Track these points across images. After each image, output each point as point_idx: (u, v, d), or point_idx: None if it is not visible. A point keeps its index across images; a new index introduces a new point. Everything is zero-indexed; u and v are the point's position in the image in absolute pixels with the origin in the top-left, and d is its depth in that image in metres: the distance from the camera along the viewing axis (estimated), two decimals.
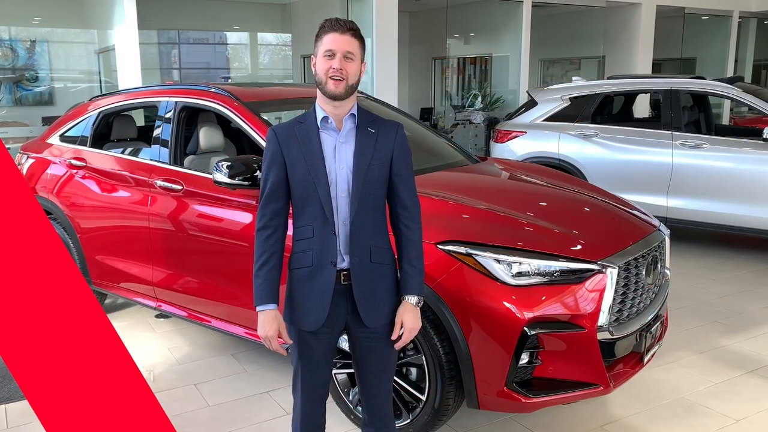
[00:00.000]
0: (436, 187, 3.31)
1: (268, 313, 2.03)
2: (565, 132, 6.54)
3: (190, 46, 11.90)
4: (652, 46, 10.72)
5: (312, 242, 2.01)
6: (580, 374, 2.68)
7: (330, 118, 2.01)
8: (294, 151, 2.00)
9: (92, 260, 4.17)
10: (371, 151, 2.02)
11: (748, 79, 12.85)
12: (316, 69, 1.99)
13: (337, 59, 1.94)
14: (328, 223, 1.99)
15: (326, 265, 2.00)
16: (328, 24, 1.97)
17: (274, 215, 2.03)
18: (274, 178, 2.01)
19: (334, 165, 2.00)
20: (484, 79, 11.61)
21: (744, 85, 6.05)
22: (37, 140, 4.89)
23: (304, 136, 2.01)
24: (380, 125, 2.08)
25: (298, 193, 2.01)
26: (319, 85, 1.98)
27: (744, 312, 4.57)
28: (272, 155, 2.02)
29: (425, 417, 2.78)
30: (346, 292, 2.04)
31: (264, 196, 2.03)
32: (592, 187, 3.89)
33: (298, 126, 2.03)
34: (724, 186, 5.62)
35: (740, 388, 3.46)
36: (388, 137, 2.06)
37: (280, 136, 2.02)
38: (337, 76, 1.94)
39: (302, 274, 2.03)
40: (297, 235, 2.04)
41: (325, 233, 2.00)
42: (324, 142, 2.01)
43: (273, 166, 2.02)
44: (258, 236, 2.04)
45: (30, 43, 9.47)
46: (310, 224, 2.01)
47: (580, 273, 2.69)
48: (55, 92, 9.72)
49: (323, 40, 1.96)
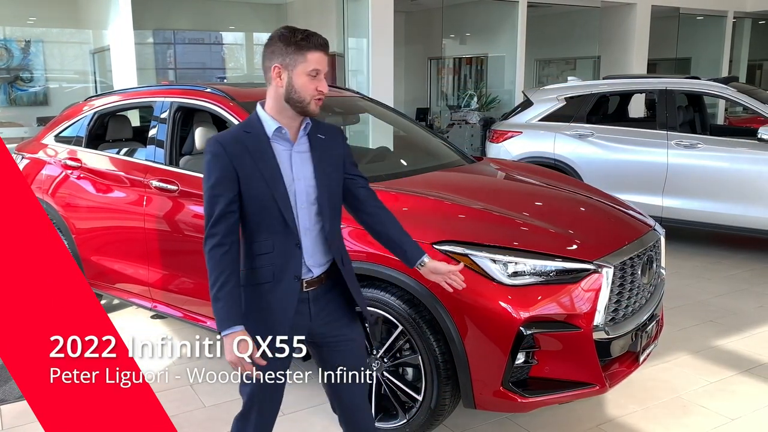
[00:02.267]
0: (432, 187, 3.31)
1: (238, 333, 1.88)
2: (560, 132, 6.55)
3: (185, 46, 11.87)
4: (647, 46, 10.74)
5: (273, 257, 1.95)
6: (576, 374, 2.68)
7: (284, 128, 1.95)
8: (246, 164, 1.89)
9: (87, 261, 4.16)
10: (328, 159, 2.01)
11: (743, 79, 12.89)
12: (293, 85, 1.89)
13: (323, 81, 1.90)
14: (292, 235, 1.94)
15: (289, 278, 1.96)
16: (314, 42, 1.89)
17: (229, 232, 1.90)
18: (227, 193, 1.89)
19: (291, 175, 1.95)
20: (480, 79, 11.62)
21: (739, 85, 6.07)
22: (32, 140, 4.87)
23: (255, 147, 1.91)
24: (326, 131, 2.05)
25: (253, 207, 1.92)
26: (299, 103, 1.91)
27: (739, 311, 4.58)
28: (222, 170, 1.89)
29: (422, 417, 2.78)
30: (307, 300, 2.02)
31: (216, 215, 1.89)
32: (588, 187, 3.90)
33: (246, 136, 1.93)
34: (719, 186, 5.64)
35: (736, 388, 3.47)
36: (337, 142, 2.06)
37: (229, 148, 1.90)
38: (320, 97, 1.91)
39: (261, 289, 1.96)
40: (253, 250, 1.95)
41: (288, 246, 1.95)
42: (277, 153, 1.94)
43: (224, 181, 1.89)
44: (212, 255, 1.89)
45: (25, 43, 9.43)
46: (270, 239, 1.94)
47: (576, 273, 2.69)
48: (50, 92, 9.68)
49: (307, 57, 1.88)
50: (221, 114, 3.58)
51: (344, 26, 8.21)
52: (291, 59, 1.88)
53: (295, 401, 3.29)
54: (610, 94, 7.00)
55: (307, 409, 3.24)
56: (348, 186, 2.10)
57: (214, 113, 3.70)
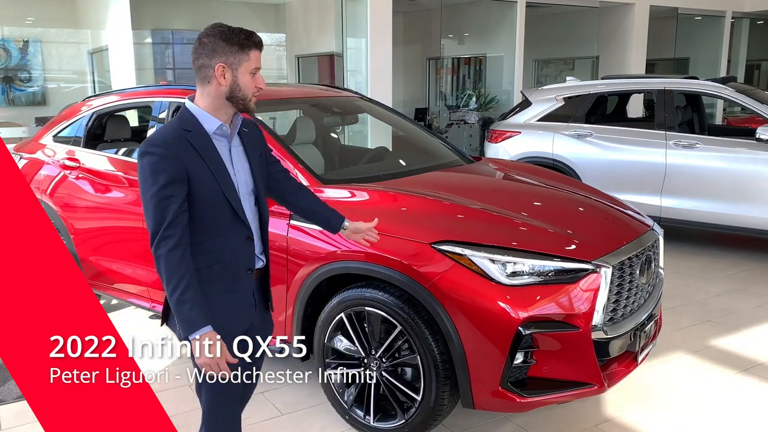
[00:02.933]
0: (430, 187, 3.31)
1: (210, 334, 1.82)
2: (559, 132, 6.55)
3: (184, 46, 11.85)
4: (646, 46, 10.75)
5: (221, 254, 1.94)
6: (574, 374, 2.68)
7: (225, 125, 1.97)
8: (195, 163, 1.88)
9: (86, 261, 4.15)
10: (256, 150, 2.09)
11: (741, 79, 12.91)
12: (238, 83, 1.92)
13: (261, 78, 1.96)
14: (243, 229, 1.97)
15: (241, 273, 1.98)
16: (254, 40, 1.92)
17: (183, 234, 1.85)
18: (180, 194, 1.85)
19: (233, 170, 1.98)
20: (479, 80, 11.63)
21: (737, 85, 6.08)
22: (30, 140, 4.87)
23: (200, 146, 1.91)
24: (247, 124, 2.10)
25: (204, 205, 1.90)
26: (242, 100, 1.94)
27: (737, 311, 4.59)
28: (174, 171, 1.84)
29: (420, 417, 2.78)
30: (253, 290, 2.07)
31: (170, 218, 1.82)
32: (586, 186, 3.90)
33: (188, 134, 1.91)
34: (717, 185, 5.64)
35: (734, 387, 3.48)
36: (258, 134, 2.15)
37: (177, 148, 1.86)
38: (258, 94, 1.97)
39: (213, 287, 1.93)
40: (202, 249, 1.92)
41: (239, 240, 1.97)
42: (218, 149, 1.96)
43: (176, 182, 1.84)
44: (170, 259, 1.82)
45: (23, 43, 9.42)
46: (221, 235, 1.94)
47: (575, 273, 2.69)
48: (48, 92, 9.68)
49: (251, 57, 1.91)
50: None
51: (343, 26, 8.21)
52: (235, 58, 1.90)
53: (294, 401, 3.29)
54: (608, 94, 7.01)
55: (305, 410, 3.24)
56: (269, 171, 2.21)
57: None
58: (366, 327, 2.90)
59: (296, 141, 3.90)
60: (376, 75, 7.88)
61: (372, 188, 3.22)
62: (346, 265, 2.89)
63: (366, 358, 2.91)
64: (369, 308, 2.84)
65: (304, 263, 3.03)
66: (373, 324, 2.87)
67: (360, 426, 2.97)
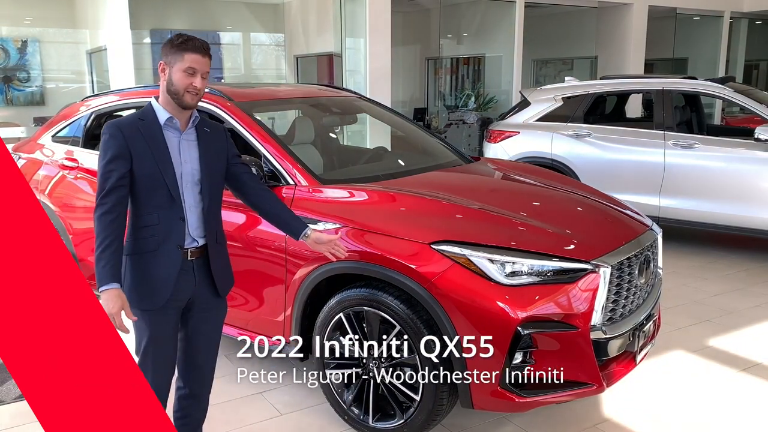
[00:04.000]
0: (429, 187, 3.31)
1: (111, 291, 2.12)
2: (557, 132, 6.56)
3: None
4: (644, 47, 10.75)
5: (157, 228, 2.24)
6: (573, 374, 2.68)
7: (175, 118, 2.27)
8: (139, 146, 2.20)
9: (84, 261, 4.15)
10: (212, 149, 2.35)
11: (740, 79, 12.92)
12: (171, 79, 2.22)
13: (199, 79, 2.22)
14: (177, 210, 2.25)
15: (172, 248, 2.25)
16: (191, 45, 2.20)
17: (117, 203, 2.17)
18: (120, 169, 2.17)
19: (179, 159, 2.27)
20: (477, 80, 11.63)
21: (735, 85, 6.08)
22: (29, 140, 4.87)
23: (148, 133, 2.23)
24: (211, 126, 2.41)
25: (143, 184, 2.21)
26: (175, 94, 2.22)
27: (736, 311, 4.59)
28: (118, 149, 2.18)
29: (419, 417, 2.78)
30: (191, 269, 2.32)
31: (108, 187, 2.16)
32: (585, 186, 3.90)
33: (141, 123, 2.24)
34: (716, 185, 5.65)
35: (732, 387, 3.48)
36: (220, 137, 2.42)
37: (126, 131, 2.20)
38: (194, 91, 2.23)
39: (145, 257, 2.25)
40: (139, 222, 2.25)
41: (172, 219, 2.25)
42: (168, 139, 2.26)
43: (119, 158, 2.17)
44: (101, 221, 2.16)
45: (21, 43, 9.42)
46: (155, 212, 2.24)
47: (573, 272, 2.70)
48: (46, 92, 9.67)
49: (185, 57, 2.20)
50: (218, 114, 3.58)
51: (342, 26, 8.21)
52: (172, 58, 2.23)
53: (293, 401, 3.29)
54: (607, 94, 7.01)
55: (304, 410, 3.24)
56: (233, 172, 2.45)
57: (211, 113, 3.69)
58: (365, 327, 2.90)
59: (295, 141, 3.90)
60: (374, 75, 7.88)
61: (371, 188, 3.22)
62: (345, 265, 2.89)
63: (365, 359, 2.91)
64: (368, 308, 2.84)
65: (302, 263, 3.02)
66: (372, 324, 2.87)
67: (359, 426, 2.97)
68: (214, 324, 2.49)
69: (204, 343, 2.48)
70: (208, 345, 2.50)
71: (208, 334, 2.47)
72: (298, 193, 3.12)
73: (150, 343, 2.33)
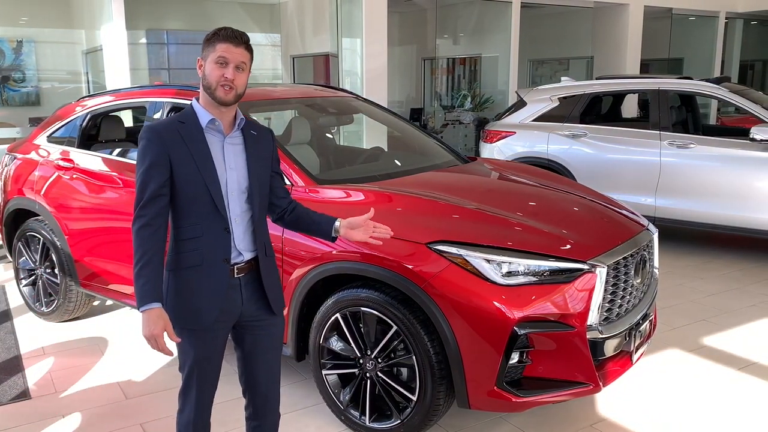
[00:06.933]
0: (426, 188, 3.31)
1: (153, 311, 1.95)
2: (554, 132, 6.57)
3: (179, 46, 11.82)
4: (640, 47, 10.78)
5: (200, 241, 2.04)
6: (570, 373, 2.69)
7: (217, 120, 2.06)
8: (181, 152, 2.01)
9: (80, 262, 4.14)
10: (259, 154, 2.15)
11: (735, 80, 12.96)
12: (204, 73, 2.03)
13: (230, 69, 2.01)
14: (221, 220, 2.05)
15: (217, 262, 2.06)
16: (223, 34, 2.02)
17: (157, 215, 2.00)
18: (158, 178, 1.99)
19: (224, 164, 2.07)
20: (474, 80, 11.65)
21: (731, 86, 6.10)
22: (24, 141, 4.85)
23: (189, 137, 2.03)
24: (258, 129, 2.20)
25: (185, 192, 2.02)
26: (208, 89, 2.03)
27: (731, 310, 4.61)
28: (156, 155, 1.99)
29: (416, 417, 2.78)
30: (238, 286, 2.11)
31: (146, 197, 1.99)
32: (581, 187, 3.91)
33: (181, 126, 2.04)
34: (711, 185, 5.67)
35: (728, 386, 3.49)
36: (267, 140, 2.20)
37: (164, 135, 2.01)
38: (227, 84, 2.01)
39: (188, 273, 2.05)
40: (181, 235, 2.06)
41: (217, 231, 2.05)
42: (210, 143, 2.06)
43: (158, 166, 1.99)
44: (139, 235, 1.99)
45: (16, 43, 9.39)
46: (199, 223, 2.04)
47: (570, 272, 2.70)
48: (42, 93, 9.63)
49: (216, 47, 2.01)
50: None
51: (338, 26, 8.21)
52: (206, 51, 2.04)
53: (290, 402, 3.28)
54: (603, 95, 7.02)
55: (301, 410, 3.24)
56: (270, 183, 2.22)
57: None
58: (362, 327, 2.90)
59: (291, 141, 3.90)
60: (371, 75, 7.88)
61: (367, 188, 3.22)
62: (342, 265, 2.89)
63: (362, 359, 2.91)
64: (364, 308, 2.84)
65: (299, 264, 3.02)
66: (369, 324, 2.87)
67: (356, 426, 2.97)
68: (276, 338, 2.24)
69: (269, 360, 2.25)
70: (272, 362, 2.26)
71: (271, 350, 2.24)
72: (294, 194, 3.12)
73: (195, 364, 2.12)
